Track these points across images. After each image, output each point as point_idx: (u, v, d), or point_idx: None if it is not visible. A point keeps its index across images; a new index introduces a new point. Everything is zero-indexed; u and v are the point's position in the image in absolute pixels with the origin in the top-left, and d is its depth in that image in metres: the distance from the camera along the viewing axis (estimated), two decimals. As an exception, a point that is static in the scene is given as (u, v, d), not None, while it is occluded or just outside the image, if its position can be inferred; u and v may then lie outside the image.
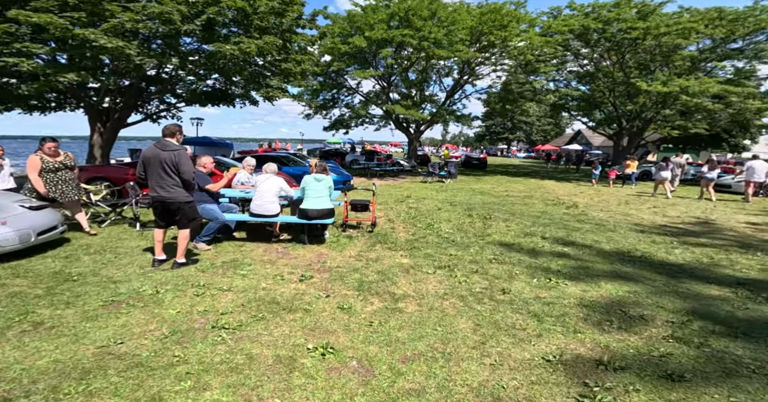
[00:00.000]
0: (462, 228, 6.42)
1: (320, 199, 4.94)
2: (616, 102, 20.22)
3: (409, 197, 9.80)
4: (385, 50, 13.91)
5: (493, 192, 11.77)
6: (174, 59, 6.48)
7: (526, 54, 17.06)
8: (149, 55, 6.21)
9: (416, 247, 5.15)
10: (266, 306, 3.30)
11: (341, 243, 5.25)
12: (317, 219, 4.92)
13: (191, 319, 3.04)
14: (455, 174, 15.55)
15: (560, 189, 13.54)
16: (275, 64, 8.79)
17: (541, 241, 5.73)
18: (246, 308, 3.25)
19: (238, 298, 3.45)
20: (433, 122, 19.81)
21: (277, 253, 4.75)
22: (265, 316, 3.12)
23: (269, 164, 5.08)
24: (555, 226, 6.87)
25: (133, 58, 6.10)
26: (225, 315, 3.11)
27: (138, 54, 6.13)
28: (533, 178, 18.40)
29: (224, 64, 7.19)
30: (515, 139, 58.29)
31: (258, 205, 4.86)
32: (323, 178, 5.04)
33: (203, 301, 3.35)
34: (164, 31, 6.08)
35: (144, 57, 6.18)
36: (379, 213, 7.48)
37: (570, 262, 4.80)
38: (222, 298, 3.43)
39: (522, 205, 9.27)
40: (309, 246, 5.06)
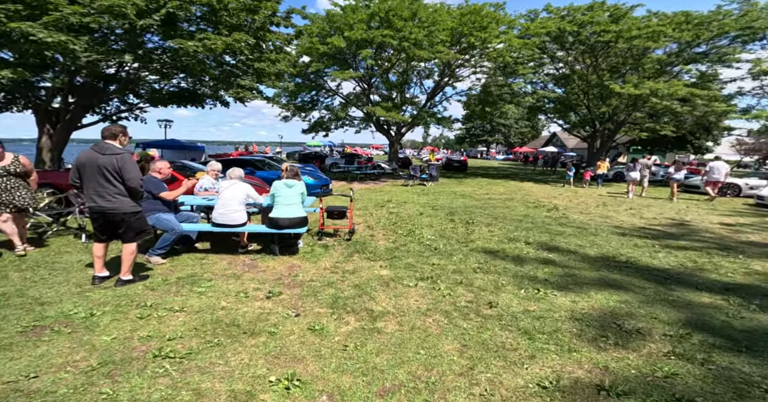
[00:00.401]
0: (444, 234, 6.14)
1: (291, 207, 4.53)
2: (590, 104, 20.69)
3: (389, 201, 9.48)
4: (364, 51, 13.59)
5: (474, 195, 11.64)
6: (127, 56, 5.88)
7: (505, 56, 17.16)
8: (98, 52, 5.59)
9: (397, 257, 4.81)
10: (224, 329, 2.88)
11: (316, 253, 4.85)
12: (288, 228, 4.50)
13: (129, 346, 2.59)
14: (436, 177, 15.39)
15: (539, 191, 13.59)
16: (247, 63, 8.29)
17: (525, 247, 5.52)
18: (199, 332, 2.82)
19: (191, 320, 3.01)
20: (414, 124, 19.63)
21: (243, 266, 4.30)
22: (221, 341, 2.71)
23: (233, 169, 4.62)
24: (538, 230, 6.72)
25: (79, 54, 5.48)
26: (172, 341, 2.67)
27: (85, 50, 5.51)
28: (513, 180, 18.52)
29: (188, 62, 6.64)
30: (494, 141, 59.29)
31: (221, 214, 4.39)
32: (294, 184, 4.63)
33: (147, 325, 2.89)
34: (117, 26, 5.50)
35: (92, 53, 5.56)
36: (358, 219, 7.11)
37: (556, 269, 4.59)
38: (171, 321, 2.98)
39: (504, 208, 9.13)
40: (280, 257, 4.63)
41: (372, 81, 18.46)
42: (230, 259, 4.53)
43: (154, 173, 4.32)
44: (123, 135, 3.47)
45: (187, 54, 6.32)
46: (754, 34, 16.15)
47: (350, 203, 5.62)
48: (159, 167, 4.35)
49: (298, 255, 4.76)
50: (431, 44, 14.58)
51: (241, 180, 4.62)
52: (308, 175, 10.04)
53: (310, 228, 6.14)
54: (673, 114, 18.42)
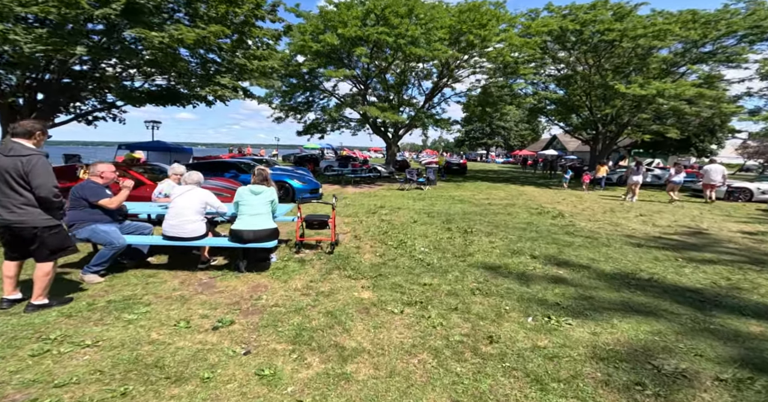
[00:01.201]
0: (440, 245, 5.47)
1: (257, 218, 3.87)
2: (592, 106, 20.11)
3: (382, 207, 8.82)
4: (359, 49, 13.00)
5: (473, 200, 10.98)
6: (80, 48, 5.25)
7: (505, 55, 16.60)
8: (43, 43, 4.95)
9: (383, 274, 4.14)
10: (141, 372, 2.22)
11: (289, 270, 4.18)
12: (253, 242, 3.84)
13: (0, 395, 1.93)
14: (434, 180, 14.75)
15: (542, 196, 12.93)
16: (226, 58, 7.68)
17: (531, 262, 4.85)
18: (104, 376, 2.17)
19: (100, 359, 2.35)
20: (412, 126, 19.01)
21: (197, 286, 3.63)
22: (130, 390, 2.06)
23: (190, 173, 3.96)
24: (544, 240, 6.05)
25: (22, 46, 4.85)
26: (60, 388, 2.02)
27: (33, 41, 4.88)
28: (513, 183, 17.87)
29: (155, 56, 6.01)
30: (494, 144, 58.74)
31: (172, 225, 3.73)
32: (262, 191, 3.98)
33: (37, 365, 2.24)
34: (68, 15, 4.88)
35: (36, 45, 4.93)
36: (345, 227, 6.44)
37: (569, 289, 3.92)
38: (72, 360, 2.32)
39: (505, 214, 8.47)
40: (245, 275, 3.96)
41: (368, 82, 17.88)
42: (185, 276, 3.86)
43: (93, 178, 3.66)
44: (41, 133, 2.84)
45: (151, 46, 5.69)
46: (762, 33, 15.61)
47: (333, 212, 4.96)
48: (100, 170, 3.69)
49: (268, 272, 4.09)
50: (428, 42, 14.01)
51: (199, 185, 3.97)
52: (297, 179, 9.41)
53: (288, 239, 5.48)
54: (680, 115, 17.82)
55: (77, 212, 3.51)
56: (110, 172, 3.74)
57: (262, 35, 8.79)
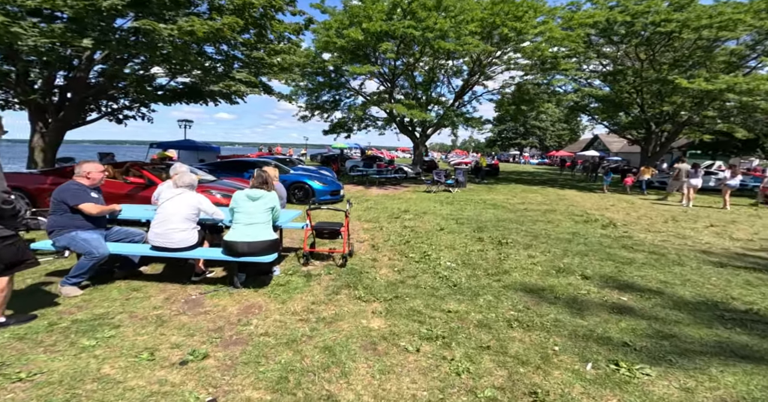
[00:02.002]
0: (469, 260, 4.71)
1: (253, 227, 3.34)
2: (644, 103, 18.25)
3: (406, 212, 8.13)
4: (384, 44, 12.41)
5: (508, 204, 10.00)
6: (86, 41, 5.05)
7: (543, 50, 15.36)
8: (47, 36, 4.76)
9: (399, 297, 3.47)
10: None
11: (291, 286, 3.62)
12: (248, 255, 3.30)
13: None
14: (464, 182, 13.84)
15: (586, 200, 11.65)
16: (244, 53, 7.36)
17: (582, 284, 3.98)
18: None
19: (26, 398, 1.86)
20: (441, 125, 18.13)
21: (182, 304, 3.15)
22: None
23: (182, 174, 3.47)
24: (596, 255, 5.11)
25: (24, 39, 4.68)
26: None
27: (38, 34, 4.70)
28: (551, 186, 16.50)
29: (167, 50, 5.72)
30: (528, 144, 56.10)
31: (158, 234, 3.27)
32: (260, 196, 3.44)
33: None
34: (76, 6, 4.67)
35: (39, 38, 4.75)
36: (363, 234, 5.83)
37: (639, 323, 3.06)
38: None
39: (545, 222, 7.49)
40: (240, 292, 3.44)
41: (395, 80, 17.25)
42: (174, 291, 3.40)
43: (79, 179, 3.29)
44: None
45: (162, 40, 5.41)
46: None
47: (345, 219, 4.36)
48: (86, 170, 3.30)
49: (267, 288, 3.55)
50: (458, 36, 13.15)
51: (192, 189, 3.49)
52: (317, 180, 8.96)
53: (298, 247, 4.94)
54: (749, 113, 15.66)
55: (57, 217, 3.15)
56: (98, 172, 3.36)
57: (283, 29, 8.41)
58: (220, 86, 7.00)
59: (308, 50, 14.02)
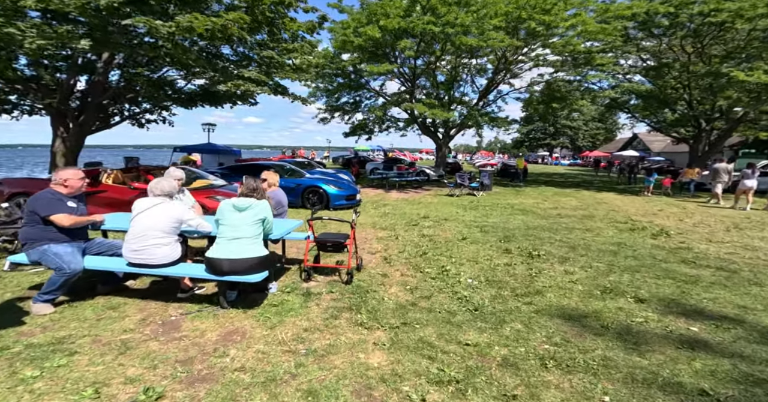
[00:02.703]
0: (494, 276, 4.07)
1: (238, 243, 2.90)
2: (692, 99, 16.63)
3: (426, 218, 7.54)
4: (403, 41, 11.89)
5: (538, 209, 9.15)
6: (84, 41, 4.88)
7: (576, 45, 14.29)
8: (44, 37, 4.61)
9: (408, 323, 2.92)
10: None
11: (285, 307, 3.16)
12: (232, 274, 2.87)
13: None
14: (489, 185, 13.01)
15: (628, 205, 10.53)
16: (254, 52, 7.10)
17: (637, 308, 3.26)
18: None
19: None
20: (464, 125, 17.33)
21: (158, 327, 2.75)
22: None
23: (158, 181, 3.03)
24: (649, 271, 4.31)
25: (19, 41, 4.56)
26: None
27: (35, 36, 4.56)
28: (586, 189, 15.27)
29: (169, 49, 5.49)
30: (558, 144, 53.55)
31: (137, 250, 2.90)
32: (248, 206, 3.00)
33: None
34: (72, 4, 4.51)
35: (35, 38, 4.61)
36: (376, 245, 5.31)
37: (719, 363, 2.35)
38: None
39: (583, 230, 6.65)
40: (226, 312, 3.02)
41: (416, 80, 16.69)
42: (154, 310, 3.03)
43: (56, 187, 2.99)
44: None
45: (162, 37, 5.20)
46: None
47: (351, 231, 3.86)
48: (63, 177, 3.00)
49: (258, 309, 3.11)
50: (481, 31, 12.42)
51: (171, 197, 3.10)
52: (332, 184, 8.56)
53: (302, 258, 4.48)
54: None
55: (30, 229, 2.86)
56: (76, 179, 3.05)
57: (297, 28, 8.11)
58: (228, 86, 6.78)
59: (326, 50, 13.75)
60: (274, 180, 4.24)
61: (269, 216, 3.10)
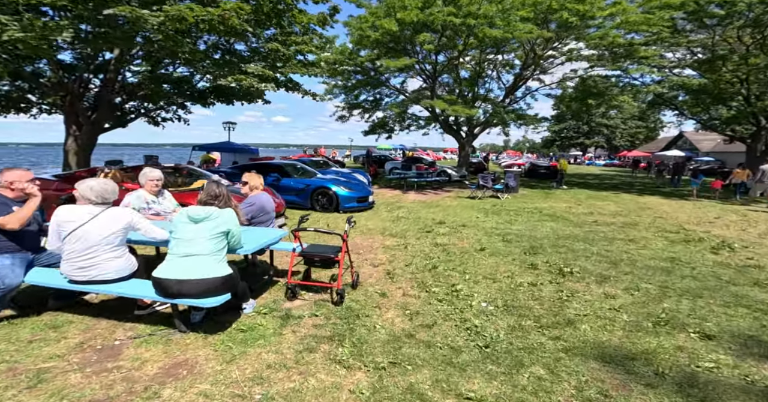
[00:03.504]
0: (514, 299, 3.35)
1: (192, 261, 2.41)
2: (750, 94, 14.85)
3: (441, 224, 6.85)
4: (422, 35, 11.22)
5: (570, 215, 8.19)
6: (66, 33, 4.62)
7: (614, 37, 13.05)
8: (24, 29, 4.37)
9: (399, 363, 2.30)
10: None
11: (255, 333, 2.63)
12: (182, 297, 2.38)
13: None
14: (515, 187, 12.04)
15: (677, 211, 9.30)
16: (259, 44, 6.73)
17: (702, 348, 2.47)
18: None
19: None
20: (489, 123, 16.36)
21: (93, 352, 2.31)
22: None
23: (89, 184, 2.51)
24: (715, 296, 3.44)
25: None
26: None
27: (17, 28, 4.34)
28: (626, 192, 13.88)
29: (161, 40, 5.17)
30: (593, 144, 50.57)
31: (84, 267, 2.45)
32: (207, 216, 2.49)
33: None
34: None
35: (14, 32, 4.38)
36: (381, 255, 4.71)
37: None
38: None
39: (625, 241, 5.72)
40: (183, 338, 2.53)
41: (438, 76, 15.92)
42: (100, 331, 2.59)
43: (1, 190, 2.63)
44: None
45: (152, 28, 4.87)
46: None
47: (343, 244, 3.29)
48: (8, 179, 2.62)
49: (223, 334, 2.61)
50: (507, 23, 11.51)
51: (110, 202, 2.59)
52: (342, 185, 8.04)
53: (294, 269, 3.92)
54: None
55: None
56: (22, 181, 2.67)
57: (307, 21, 7.67)
58: (228, 80, 6.44)
59: (343, 46, 13.32)
60: (256, 183, 3.75)
61: (234, 228, 2.59)
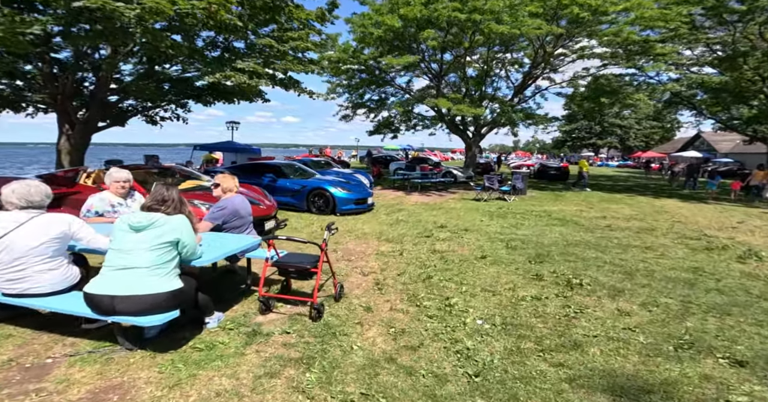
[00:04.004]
0: (514, 316, 2.96)
1: (129, 274, 2.12)
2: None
3: (443, 228, 6.46)
4: (426, 32, 10.85)
5: (581, 219, 7.71)
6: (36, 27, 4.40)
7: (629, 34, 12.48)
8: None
9: (372, 396, 1.95)
10: None
11: (213, 353, 2.31)
12: (118, 314, 2.08)
13: None
14: (523, 189, 11.56)
15: (697, 215, 8.72)
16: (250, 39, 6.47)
17: (733, 377, 2.05)
18: None
19: None
20: (497, 123, 15.86)
21: (18, 372, 2.02)
22: None
23: (13, 188, 2.21)
24: (745, 313, 2.99)
25: None
26: None
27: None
28: (641, 194, 13.25)
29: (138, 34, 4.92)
30: (605, 144, 49.33)
31: (11, 279, 2.17)
32: (150, 223, 2.19)
33: None
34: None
35: None
36: (374, 262, 4.36)
37: None
38: None
39: (642, 248, 5.24)
40: (130, 355, 2.23)
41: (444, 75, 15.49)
42: (38, 346, 2.29)
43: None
44: None
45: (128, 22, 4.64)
46: None
47: (321, 254, 2.94)
48: None
49: (176, 352, 2.29)
50: (515, 18, 11.07)
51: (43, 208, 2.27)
52: (339, 187, 7.72)
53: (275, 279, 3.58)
54: None
55: None
56: None
57: (305, 16, 7.39)
58: (216, 77, 6.18)
59: (346, 44, 13.02)
60: (230, 184, 3.41)
61: (185, 237, 2.26)
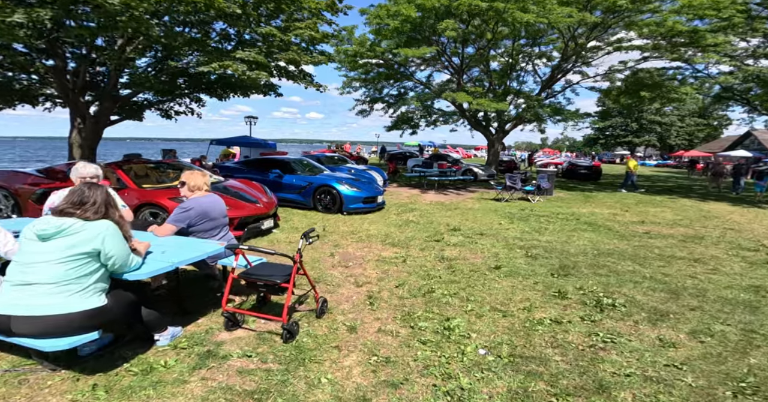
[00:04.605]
0: (527, 345, 2.41)
1: (30, 290, 1.76)
2: None
3: (456, 231, 5.89)
4: (445, 22, 10.20)
5: (615, 224, 6.89)
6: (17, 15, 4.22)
7: (674, 24, 11.25)
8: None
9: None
10: None
11: (150, 378, 1.94)
12: (19, 336, 1.73)
13: None
14: (549, 189, 10.71)
15: (752, 221, 7.63)
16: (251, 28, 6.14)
17: None
18: None
19: None
20: (522, 119, 14.94)
21: None
22: None
23: None
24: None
25: None
26: None
27: None
28: (684, 196, 11.99)
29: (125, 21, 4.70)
30: (643, 142, 46.22)
31: None
32: (61, 231, 1.81)
33: None
34: None
35: None
36: (371, 271, 3.89)
37: None
38: None
39: (689, 260, 4.48)
40: (48, 376, 1.89)
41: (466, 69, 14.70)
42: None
43: None
44: None
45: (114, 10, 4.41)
46: None
47: (293, 267, 2.50)
48: None
49: (107, 374, 1.94)
50: (543, 6, 10.21)
51: None
52: (347, 184, 7.31)
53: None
54: None
55: None
56: None
57: (314, 6, 7.00)
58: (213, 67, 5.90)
59: (363, 37, 12.58)
60: (198, 182, 3.01)
61: (109, 247, 1.88)
